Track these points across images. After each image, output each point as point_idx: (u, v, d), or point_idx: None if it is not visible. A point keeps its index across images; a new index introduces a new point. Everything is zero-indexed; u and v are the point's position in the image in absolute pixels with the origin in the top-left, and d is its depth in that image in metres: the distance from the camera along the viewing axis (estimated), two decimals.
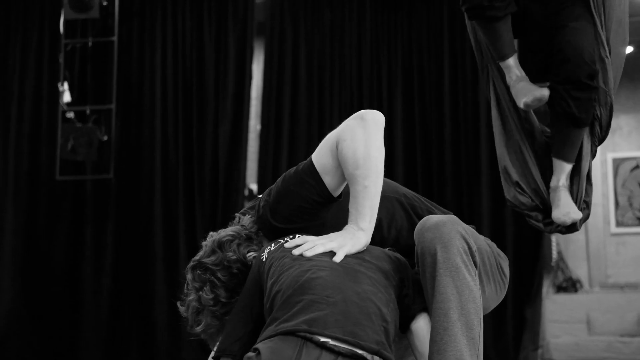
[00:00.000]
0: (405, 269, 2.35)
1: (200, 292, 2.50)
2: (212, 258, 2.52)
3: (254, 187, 8.81)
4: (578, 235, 10.02)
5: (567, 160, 3.19)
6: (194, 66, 8.40)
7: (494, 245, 2.62)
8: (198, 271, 2.53)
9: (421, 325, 2.28)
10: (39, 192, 8.29)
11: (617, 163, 10.39)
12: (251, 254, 2.51)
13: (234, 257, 2.51)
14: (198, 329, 2.55)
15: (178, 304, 2.60)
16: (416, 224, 2.39)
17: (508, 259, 2.70)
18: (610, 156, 10.38)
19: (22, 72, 8.51)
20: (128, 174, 8.24)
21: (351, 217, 2.39)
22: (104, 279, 8.15)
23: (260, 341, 2.06)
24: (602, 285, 9.84)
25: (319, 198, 2.45)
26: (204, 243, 2.60)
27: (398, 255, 2.40)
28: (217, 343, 2.46)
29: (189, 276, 2.56)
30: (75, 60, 8.21)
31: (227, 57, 8.35)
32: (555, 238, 9.71)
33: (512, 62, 3.20)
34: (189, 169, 8.28)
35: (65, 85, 7.83)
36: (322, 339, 2.00)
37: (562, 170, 3.20)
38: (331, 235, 2.37)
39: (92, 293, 8.13)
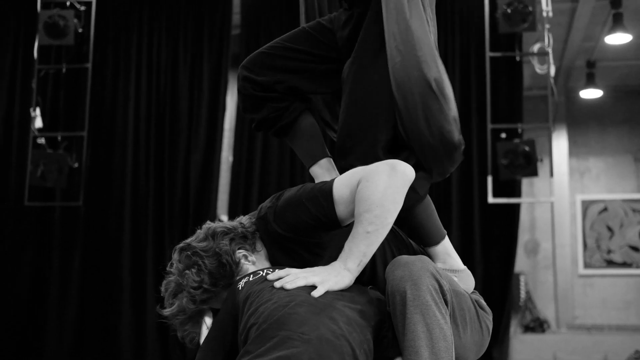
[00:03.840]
0: (385, 310, 2.32)
1: (187, 271, 2.46)
2: (203, 244, 2.50)
3: (224, 218, 8.76)
4: (547, 276, 10.07)
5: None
6: (167, 95, 8.38)
7: (480, 298, 2.64)
8: (187, 253, 2.50)
9: None
10: (6, 218, 8.20)
11: (586, 205, 10.47)
12: (241, 252, 2.50)
13: (226, 247, 2.47)
14: (170, 311, 2.50)
15: (163, 283, 2.55)
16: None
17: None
18: (579, 198, 10.47)
19: None
20: (98, 202, 8.17)
21: (342, 254, 2.36)
22: (69, 307, 8.05)
23: None
24: (569, 326, 9.86)
25: (325, 219, 2.43)
26: (197, 230, 2.58)
27: (380, 295, 2.38)
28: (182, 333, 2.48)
29: (176, 256, 2.54)
30: (48, 86, 8.19)
31: (201, 87, 8.34)
32: (524, 278, 9.73)
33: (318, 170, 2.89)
34: (159, 198, 8.23)
35: (37, 111, 7.77)
36: None
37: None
38: (315, 269, 2.35)
39: (57, 321, 8.02)
